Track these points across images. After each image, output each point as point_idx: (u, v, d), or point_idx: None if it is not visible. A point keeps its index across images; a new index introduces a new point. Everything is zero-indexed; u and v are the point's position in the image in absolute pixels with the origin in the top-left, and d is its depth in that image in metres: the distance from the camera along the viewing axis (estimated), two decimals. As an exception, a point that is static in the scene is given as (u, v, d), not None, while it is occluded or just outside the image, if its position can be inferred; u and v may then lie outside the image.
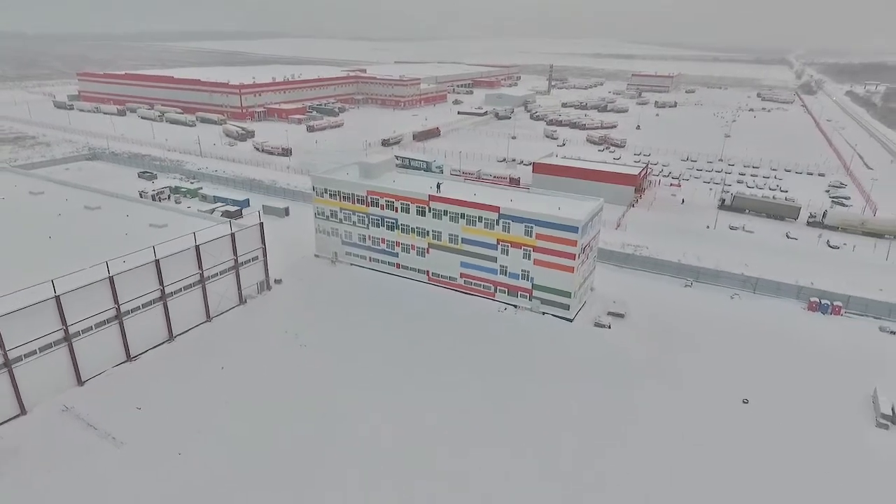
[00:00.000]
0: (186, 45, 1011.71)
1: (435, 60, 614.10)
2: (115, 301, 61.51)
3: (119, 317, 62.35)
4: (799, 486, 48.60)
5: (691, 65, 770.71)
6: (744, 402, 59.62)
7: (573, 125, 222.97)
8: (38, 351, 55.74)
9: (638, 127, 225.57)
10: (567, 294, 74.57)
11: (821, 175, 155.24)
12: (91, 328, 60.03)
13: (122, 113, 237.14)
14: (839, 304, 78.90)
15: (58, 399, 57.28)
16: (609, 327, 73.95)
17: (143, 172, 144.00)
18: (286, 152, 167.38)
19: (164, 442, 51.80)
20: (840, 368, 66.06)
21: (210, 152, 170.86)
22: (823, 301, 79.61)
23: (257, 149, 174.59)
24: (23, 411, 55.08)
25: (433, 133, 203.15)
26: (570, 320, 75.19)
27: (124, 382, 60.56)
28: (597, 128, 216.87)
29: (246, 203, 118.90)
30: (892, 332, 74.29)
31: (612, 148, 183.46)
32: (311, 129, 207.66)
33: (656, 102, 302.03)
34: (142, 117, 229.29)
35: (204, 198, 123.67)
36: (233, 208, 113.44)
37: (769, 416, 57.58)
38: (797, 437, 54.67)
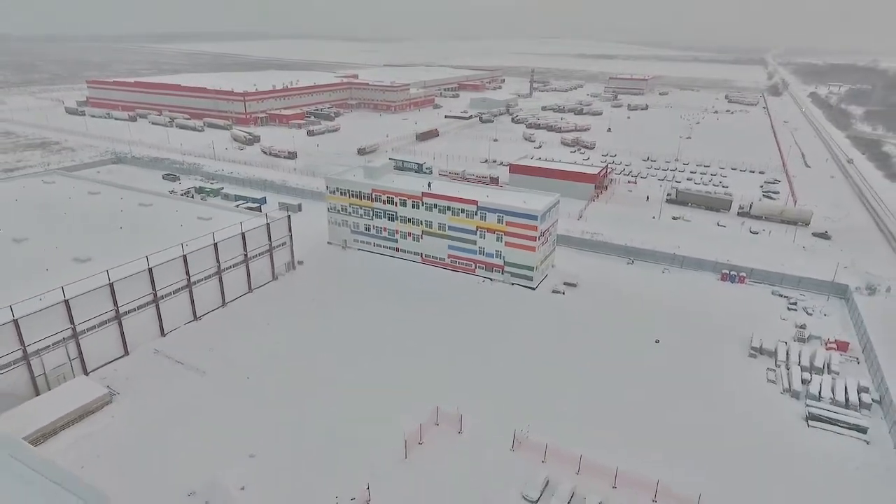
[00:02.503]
0: (176, 47, 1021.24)
1: (423, 62, 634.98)
2: (187, 273, 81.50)
3: (189, 286, 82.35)
4: (687, 396, 69.83)
5: (672, 65, 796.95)
6: (656, 341, 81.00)
7: (550, 128, 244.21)
8: (136, 308, 75.68)
9: (609, 129, 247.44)
10: (530, 268, 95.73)
11: (761, 173, 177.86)
12: (171, 294, 80.00)
13: (132, 119, 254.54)
14: (744, 274, 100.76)
15: (149, 345, 77.24)
16: (563, 293, 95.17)
17: (167, 175, 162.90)
18: (292, 155, 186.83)
19: (234, 371, 71.99)
20: (733, 319, 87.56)
21: (222, 156, 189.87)
22: (732, 273, 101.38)
23: (265, 152, 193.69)
24: (126, 353, 75.03)
25: (433, 134, 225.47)
26: (534, 289, 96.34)
27: (195, 334, 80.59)
28: (571, 130, 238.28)
29: (263, 200, 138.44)
30: (780, 294, 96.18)
31: (582, 149, 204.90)
32: (310, 133, 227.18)
33: (629, 105, 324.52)
34: (152, 123, 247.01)
35: (226, 196, 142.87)
36: (253, 205, 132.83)
37: (672, 350, 78.93)
38: (690, 364, 75.91)
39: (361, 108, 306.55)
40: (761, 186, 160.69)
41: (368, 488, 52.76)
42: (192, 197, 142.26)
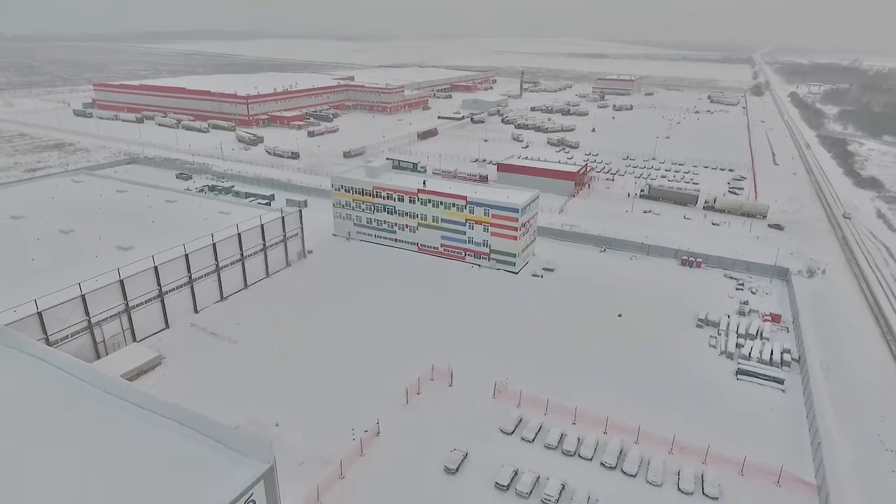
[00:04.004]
0: (170, 47, 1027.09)
1: (415, 61, 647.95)
2: (216, 259, 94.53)
3: (217, 270, 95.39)
4: (640, 356, 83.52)
5: (661, 65, 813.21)
6: (618, 315, 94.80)
7: (538, 128, 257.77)
8: (175, 288, 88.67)
9: (593, 129, 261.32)
10: (513, 255, 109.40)
11: (731, 170, 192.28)
12: (203, 276, 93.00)
13: (139, 120, 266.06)
14: (700, 260, 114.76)
15: (185, 320, 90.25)
16: (542, 277, 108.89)
17: (180, 174, 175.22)
18: (295, 156, 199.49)
19: (260, 339, 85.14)
20: (688, 298, 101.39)
21: (228, 156, 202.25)
22: (691, 259, 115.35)
23: (269, 153, 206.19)
24: (167, 326, 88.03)
25: (432, 133, 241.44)
26: (516, 273, 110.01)
27: (224, 311, 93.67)
28: (557, 131, 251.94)
29: (272, 197, 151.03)
30: (730, 277, 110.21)
31: (567, 149, 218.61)
32: (311, 134, 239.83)
33: (614, 106, 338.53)
34: (159, 125, 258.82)
35: (237, 194, 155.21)
36: (263, 202, 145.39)
37: (633, 323, 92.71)
38: (646, 333, 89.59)
39: (358, 109, 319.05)
40: (728, 183, 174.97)
41: (378, 423, 66.25)
42: (206, 195, 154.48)
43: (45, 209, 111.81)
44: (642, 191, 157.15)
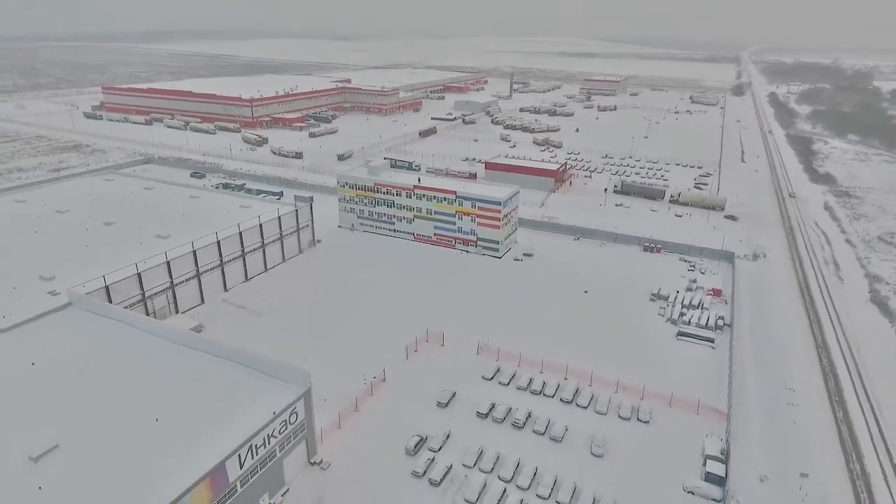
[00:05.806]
0: (167, 47, 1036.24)
1: (409, 62, 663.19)
2: (241, 245, 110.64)
3: (243, 254, 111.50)
4: (600, 322, 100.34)
5: (649, 64, 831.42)
6: (584, 291, 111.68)
7: (525, 129, 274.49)
8: (209, 269, 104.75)
9: (577, 130, 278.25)
10: (496, 242, 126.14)
11: (699, 167, 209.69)
12: (230, 259, 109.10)
13: (149, 122, 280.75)
14: (660, 246, 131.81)
15: (217, 297, 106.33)
16: (522, 261, 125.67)
17: (194, 173, 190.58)
18: (298, 155, 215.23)
19: (283, 312, 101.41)
20: (646, 277, 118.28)
21: (237, 156, 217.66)
22: (652, 245, 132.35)
23: (274, 153, 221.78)
24: (202, 301, 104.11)
25: (432, 132, 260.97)
26: (499, 258, 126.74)
27: (249, 290, 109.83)
28: (543, 131, 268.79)
29: (281, 194, 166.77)
30: (685, 260, 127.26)
31: (551, 148, 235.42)
32: (312, 135, 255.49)
33: (598, 106, 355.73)
34: (168, 126, 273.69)
35: (248, 191, 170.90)
36: (273, 198, 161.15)
37: (597, 297, 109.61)
38: (607, 305, 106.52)
39: (355, 110, 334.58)
40: (695, 179, 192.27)
41: (384, 371, 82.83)
42: (221, 191, 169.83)
43: (85, 204, 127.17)
44: (616, 186, 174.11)
